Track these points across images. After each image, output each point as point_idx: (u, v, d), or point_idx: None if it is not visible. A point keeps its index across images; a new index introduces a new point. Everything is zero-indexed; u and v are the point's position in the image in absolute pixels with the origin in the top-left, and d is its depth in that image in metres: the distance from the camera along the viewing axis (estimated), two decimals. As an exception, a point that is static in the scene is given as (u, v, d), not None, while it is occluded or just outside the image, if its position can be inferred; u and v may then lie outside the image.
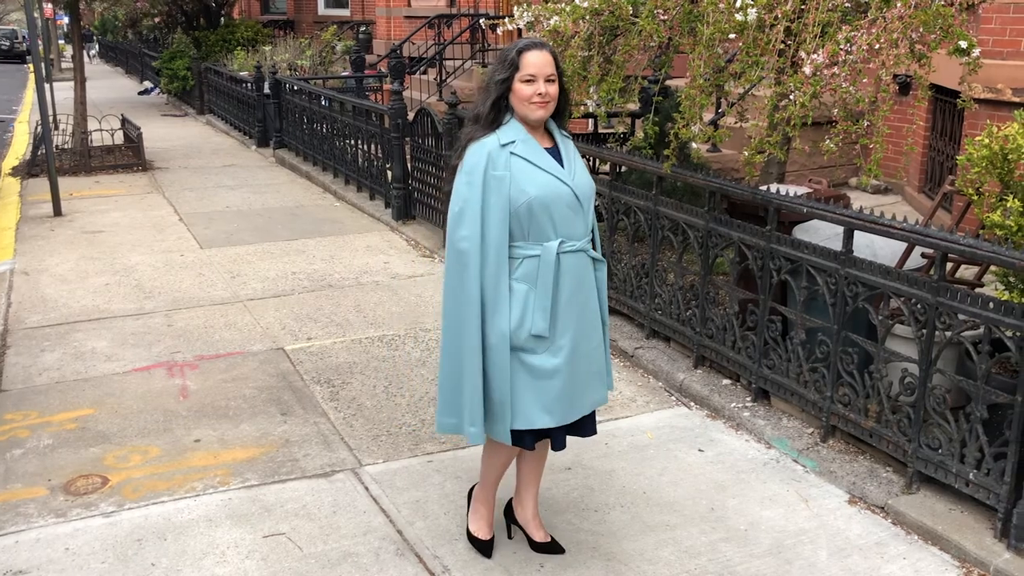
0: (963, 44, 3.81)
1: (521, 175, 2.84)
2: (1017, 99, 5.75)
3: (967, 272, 4.47)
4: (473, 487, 3.37)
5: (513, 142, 2.87)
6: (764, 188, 4.31)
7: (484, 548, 3.26)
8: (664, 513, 3.53)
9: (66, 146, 11.04)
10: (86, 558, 3.27)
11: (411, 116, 8.07)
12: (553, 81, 2.88)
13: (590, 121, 7.42)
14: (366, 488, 3.73)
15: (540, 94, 2.86)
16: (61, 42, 30.42)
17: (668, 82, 5.38)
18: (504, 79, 2.88)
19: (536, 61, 2.85)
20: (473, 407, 2.89)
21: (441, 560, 3.24)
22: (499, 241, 2.82)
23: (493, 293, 2.83)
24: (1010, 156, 3.46)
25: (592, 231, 3.02)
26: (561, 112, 2.99)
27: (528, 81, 2.85)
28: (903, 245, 3.98)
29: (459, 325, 2.88)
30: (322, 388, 4.70)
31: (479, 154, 2.86)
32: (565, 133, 3.05)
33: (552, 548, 3.26)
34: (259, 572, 3.19)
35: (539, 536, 3.27)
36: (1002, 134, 3.50)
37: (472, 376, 2.87)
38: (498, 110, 2.90)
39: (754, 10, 4.02)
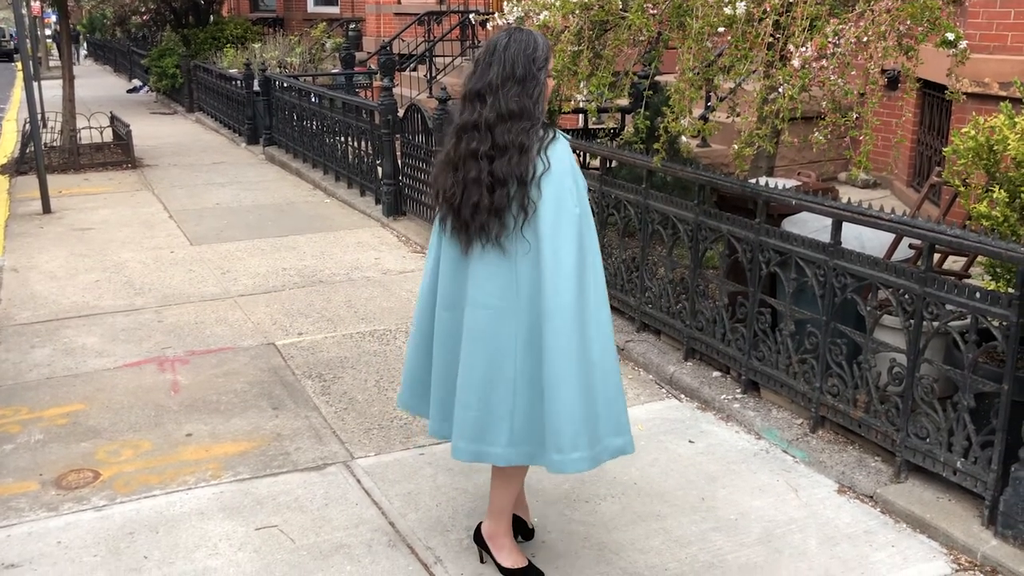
0: (950, 36, 3.85)
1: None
2: (1004, 92, 5.79)
3: (954, 263, 4.50)
4: (477, 532, 3.15)
5: None
6: (753, 181, 4.33)
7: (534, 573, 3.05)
8: (655, 503, 3.55)
9: (55, 144, 10.99)
10: (78, 551, 3.27)
11: (401, 113, 8.07)
12: None
13: (580, 116, 7.43)
14: (358, 481, 3.74)
15: None
16: (49, 40, 30.25)
17: (658, 77, 5.40)
18: (544, 73, 2.72)
19: None
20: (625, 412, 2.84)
21: (434, 551, 3.25)
22: None
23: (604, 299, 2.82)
24: (996, 147, 3.49)
25: None
26: None
27: (552, 76, 2.80)
28: (891, 236, 4.00)
29: (603, 336, 2.76)
30: (313, 382, 4.70)
31: (569, 153, 2.76)
32: None
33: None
34: (251, 564, 3.19)
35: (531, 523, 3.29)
36: (988, 125, 3.52)
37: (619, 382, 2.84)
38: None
39: (743, 4, 4.05)
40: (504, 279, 2.74)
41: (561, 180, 2.69)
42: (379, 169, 8.38)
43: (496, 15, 5.38)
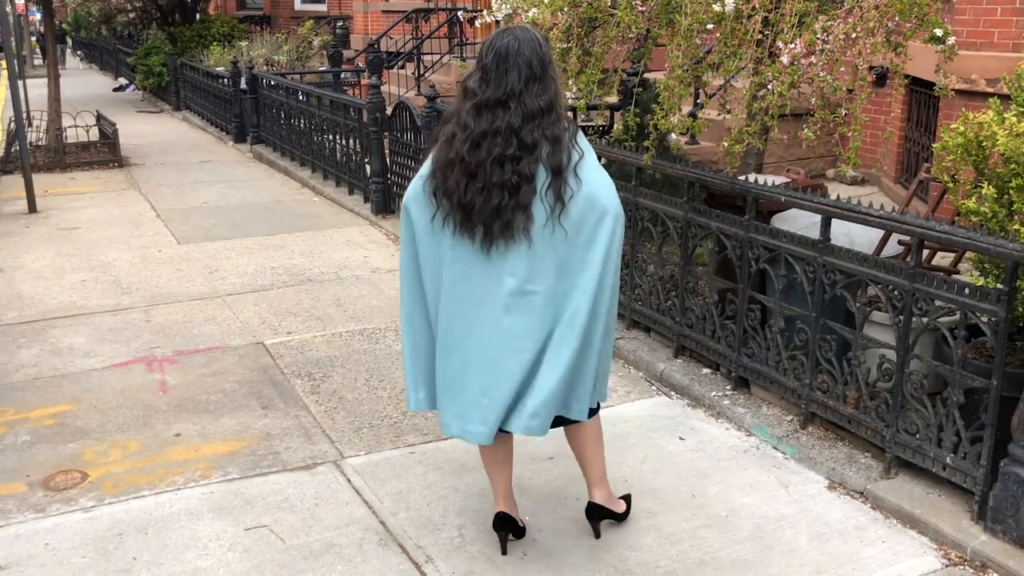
0: (938, 33, 3.86)
1: None
2: (991, 89, 5.81)
3: (943, 259, 4.51)
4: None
5: None
6: (743, 178, 4.33)
7: None
8: (646, 500, 3.55)
9: (40, 143, 10.93)
10: (66, 553, 3.25)
11: (389, 110, 8.05)
12: None
13: (569, 114, 7.43)
14: (348, 480, 3.72)
15: None
16: (33, 39, 30.04)
17: (647, 75, 5.41)
18: (553, 67, 2.86)
19: None
20: None
21: (424, 550, 3.24)
22: None
23: None
24: (984, 143, 3.49)
25: None
26: None
27: None
28: (880, 233, 4.01)
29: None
30: (303, 382, 4.68)
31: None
32: None
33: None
34: (242, 564, 3.18)
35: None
36: (977, 121, 3.53)
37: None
38: None
39: (731, 0, 4.04)
40: (538, 267, 2.80)
41: (599, 166, 2.83)
42: (367, 167, 8.35)
43: (484, 12, 5.36)
